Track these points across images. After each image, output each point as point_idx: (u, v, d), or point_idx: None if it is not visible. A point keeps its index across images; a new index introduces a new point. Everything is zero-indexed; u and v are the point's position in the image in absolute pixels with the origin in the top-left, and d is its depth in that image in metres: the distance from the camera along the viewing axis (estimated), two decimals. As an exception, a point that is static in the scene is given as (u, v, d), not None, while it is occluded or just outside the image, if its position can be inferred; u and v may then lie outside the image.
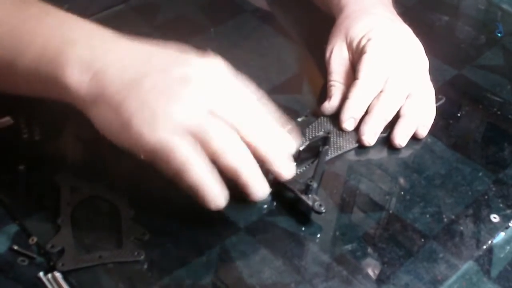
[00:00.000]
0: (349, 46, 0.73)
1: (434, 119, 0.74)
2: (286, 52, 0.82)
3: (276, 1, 0.91)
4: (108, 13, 0.86)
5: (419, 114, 0.70)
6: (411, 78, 0.71)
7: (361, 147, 0.70)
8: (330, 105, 0.71)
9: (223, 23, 0.86)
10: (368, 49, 0.70)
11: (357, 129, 0.70)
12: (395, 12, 0.77)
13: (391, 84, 0.70)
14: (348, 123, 0.69)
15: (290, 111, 0.70)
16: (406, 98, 0.70)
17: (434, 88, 0.78)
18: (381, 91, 0.70)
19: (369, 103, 0.70)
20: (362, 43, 0.71)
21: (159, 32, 0.83)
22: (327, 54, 0.74)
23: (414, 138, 0.71)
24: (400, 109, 0.70)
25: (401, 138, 0.69)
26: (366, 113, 0.70)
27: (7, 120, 0.70)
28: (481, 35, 0.88)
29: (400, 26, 0.75)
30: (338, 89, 0.72)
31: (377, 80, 0.70)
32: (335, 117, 0.71)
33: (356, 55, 0.72)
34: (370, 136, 0.69)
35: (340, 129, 0.70)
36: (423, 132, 0.71)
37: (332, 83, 0.72)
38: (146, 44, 0.59)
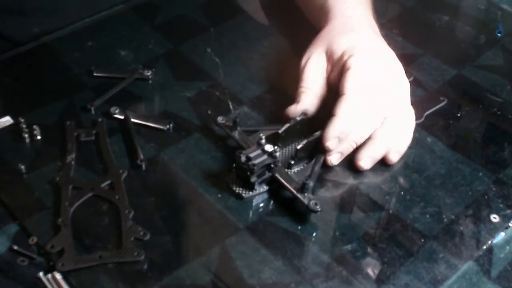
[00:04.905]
0: (329, 58, 0.72)
1: (434, 119, 0.74)
2: (285, 52, 0.83)
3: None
4: (108, 13, 0.86)
5: (391, 139, 0.68)
6: (388, 102, 0.69)
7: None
8: (297, 109, 0.70)
9: (223, 23, 0.86)
10: (353, 65, 0.68)
11: None
12: (379, 33, 0.76)
13: (367, 107, 0.67)
14: (332, 142, 0.66)
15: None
16: (382, 121, 0.68)
17: (434, 88, 0.78)
18: None
19: (354, 121, 0.67)
20: (344, 57, 0.70)
21: (159, 32, 0.83)
22: (303, 61, 0.73)
23: (384, 162, 0.68)
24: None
25: (365, 161, 0.68)
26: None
27: (7, 120, 0.70)
28: (481, 35, 0.88)
29: (383, 48, 0.73)
30: (309, 96, 0.70)
31: (362, 97, 0.67)
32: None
33: (336, 68, 0.71)
34: (336, 157, 0.67)
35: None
36: (394, 157, 0.69)
37: (303, 89, 0.71)
38: None
